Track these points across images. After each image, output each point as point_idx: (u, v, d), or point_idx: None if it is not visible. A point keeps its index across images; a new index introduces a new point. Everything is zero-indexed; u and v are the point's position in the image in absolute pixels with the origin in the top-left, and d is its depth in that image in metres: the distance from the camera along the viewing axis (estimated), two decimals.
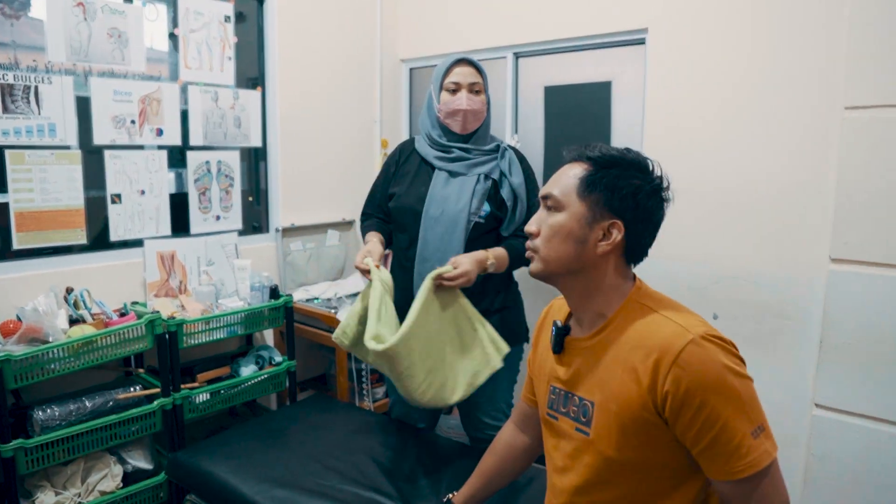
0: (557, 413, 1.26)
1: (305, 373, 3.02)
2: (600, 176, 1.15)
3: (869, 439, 2.05)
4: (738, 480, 1.03)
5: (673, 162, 2.45)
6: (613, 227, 1.15)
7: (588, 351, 1.20)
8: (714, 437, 1.03)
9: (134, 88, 2.40)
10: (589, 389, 1.19)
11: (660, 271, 2.52)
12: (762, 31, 2.22)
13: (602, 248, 1.15)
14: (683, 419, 1.05)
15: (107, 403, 2.10)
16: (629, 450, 1.12)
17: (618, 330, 1.16)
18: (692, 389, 1.03)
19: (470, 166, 2.04)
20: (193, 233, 2.65)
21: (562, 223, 1.17)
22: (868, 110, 2.00)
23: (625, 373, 1.12)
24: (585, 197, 1.16)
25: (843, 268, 2.08)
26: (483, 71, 2.04)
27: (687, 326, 1.08)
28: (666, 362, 1.05)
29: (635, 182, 1.16)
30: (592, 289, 1.19)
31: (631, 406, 1.10)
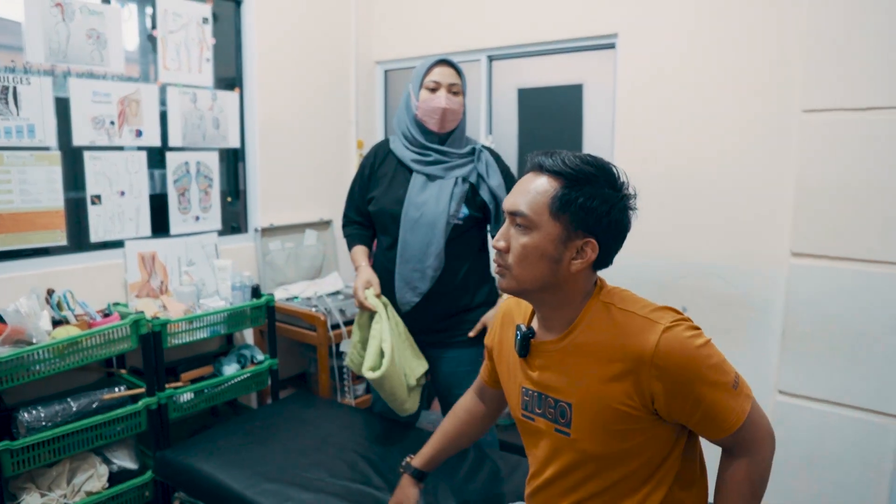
0: (533, 414, 1.29)
1: (285, 371, 3.04)
2: (574, 195, 1.13)
3: (829, 422, 2.18)
4: (734, 433, 1.14)
5: (642, 162, 2.58)
6: (587, 246, 1.15)
7: (559, 353, 1.22)
8: (704, 411, 1.12)
9: (113, 89, 2.40)
10: (564, 391, 1.22)
11: (630, 268, 2.62)
12: (725, 38, 2.33)
13: (576, 266, 1.16)
14: (674, 407, 1.13)
15: (92, 404, 2.11)
16: (612, 444, 1.18)
17: (587, 331, 1.19)
18: (677, 382, 1.11)
19: (447, 169, 2.09)
20: (173, 233, 2.66)
21: (535, 244, 1.15)
22: (824, 113, 2.12)
23: (602, 373, 1.16)
24: (559, 217, 1.14)
25: (803, 261, 2.20)
26: (462, 74, 2.10)
27: (656, 318, 1.14)
28: (646, 363, 1.11)
29: (608, 199, 1.15)
30: (563, 300, 1.21)
31: (613, 404, 1.15)
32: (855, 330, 2.11)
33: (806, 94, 2.15)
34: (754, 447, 1.17)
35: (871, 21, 2.00)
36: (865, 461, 2.12)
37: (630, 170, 2.61)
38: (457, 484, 1.91)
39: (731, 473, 1.19)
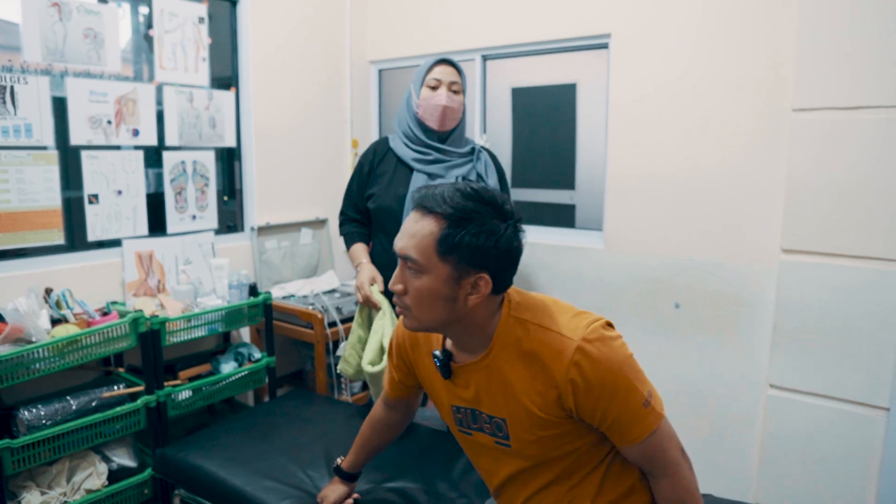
0: (471, 429, 1.34)
1: (282, 369, 3.06)
2: (457, 235, 1.13)
3: (819, 415, 2.22)
4: (639, 443, 1.19)
5: (635, 159, 2.61)
6: (480, 281, 1.16)
7: (482, 371, 1.25)
8: (615, 417, 1.18)
9: (110, 89, 2.41)
10: (495, 407, 1.26)
11: (624, 264, 2.66)
12: (717, 37, 2.37)
13: (473, 300, 1.18)
14: (588, 411, 1.18)
15: (91, 402, 2.12)
16: (552, 447, 1.25)
17: (505, 349, 1.23)
18: (590, 390, 1.15)
19: (447, 168, 2.12)
20: (170, 232, 2.67)
21: (428, 287, 1.16)
22: (815, 112, 2.16)
23: (527, 389, 1.21)
24: (447, 258, 1.14)
25: (794, 258, 2.24)
26: (463, 73, 2.13)
27: (570, 333, 1.17)
28: (563, 374, 1.16)
29: (494, 233, 1.14)
30: (470, 328, 1.23)
31: (542, 416, 1.21)
32: (844, 325, 2.15)
33: (797, 94, 2.18)
34: (670, 469, 1.22)
35: (861, 21, 2.04)
36: (854, 452, 2.16)
37: (623, 167, 2.67)
38: (455, 475, 1.94)
39: (660, 496, 1.25)
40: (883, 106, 2.03)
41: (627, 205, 2.64)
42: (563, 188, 2.96)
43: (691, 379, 2.55)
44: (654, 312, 2.61)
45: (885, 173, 2.03)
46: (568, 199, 2.98)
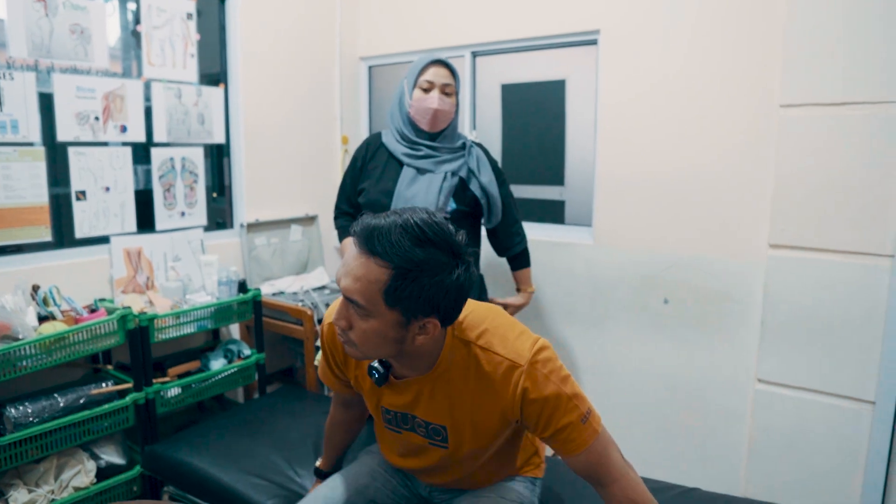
0: (401, 429, 1.40)
1: (272, 366, 3.05)
2: (405, 287, 1.09)
3: (807, 409, 2.24)
4: (580, 454, 1.26)
5: (624, 155, 2.62)
6: (429, 324, 1.15)
7: (425, 385, 1.29)
8: (554, 432, 1.26)
9: (97, 85, 2.39)
10: (436, 415, 1.32)
11: (613, 260, 2.67)
12: (705, 35, 2.37)
13: (420, 340, 1.18)
14: (531, 425, 1.28)
15: (79, 400, 2.11)
16: (486, 445, 1.35)
17: (451, 370, 1.27)
18: (536, 409, 1.24)
19: (437, 164, 2.12)
20: (159, 229, 2.65)
21: (375, 329, 1.14)
22: (802, 108, 2.17)
23: (474, 404, 1.28)
24: (394, 307, 1.11)
25: (781, 253, 2.25)
26: (457, 74, 2.13)
27: (515, 358, 1.24)
28: (510, 397, 1.24)
29: (443, 284, 1.11)
30: (417, 355, 1.25)
31: (488, 425, 1.30)
32: (831, 319, 2.17)
33: (784, 90, 2.20)
34: (615, 474, 1.27)
35: (848, 18, 2.05)
36: (841, 445, 2.17)
37: (612, 163, 2.68)
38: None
39: (612, 501, 1.28)
40: (868, 102, 2.04)
41: (617, 201, 2.65)
42: (553, 184, 2.97)
43: (680, 374, 2.57)
44: (643, 308, 2.62)
45: (871, 168, 2.05)
46: (557, 196, 2.98)
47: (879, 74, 2.01)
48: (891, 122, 2.00)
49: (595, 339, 2.77)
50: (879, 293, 2.07)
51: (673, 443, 2.62)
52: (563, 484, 1.85)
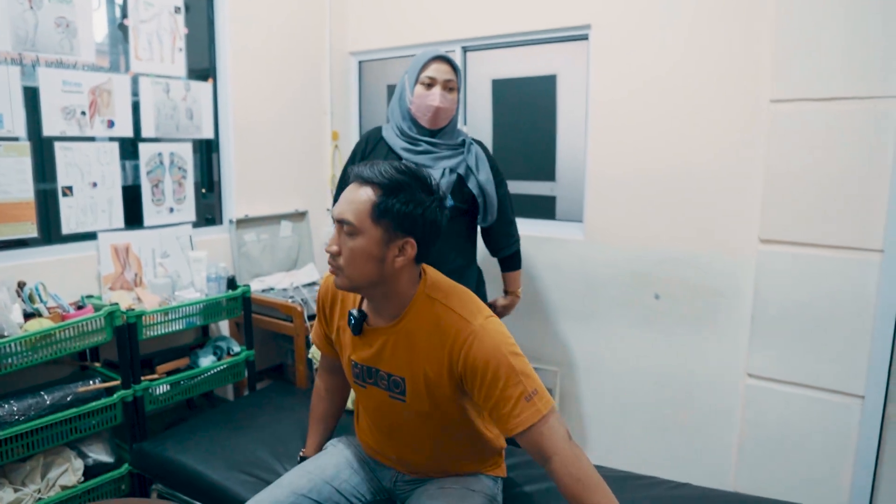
0: (365, 383, 1.51)
1: (262, 363, 3.03)
2: (390, 202, 1.30)
3: (796, 404, 2.24)
4: (521, 432, 1.29)
5: (615, 151, 2.62)
6: (407, 245, 1.33)
7: (390, 336, 1.42)
8: (495, 402, 1.31)
9: (84, 79, 2.36)
10: (396, 367, 1.43)
11: (604, 256, 2.67)
12: (696, 29, 2.37)
13: (399, 262, 1.34)
14: (474, 388, 1.34)
15: (66, 397, 2.09)
16: (440, 406, 1.42)
17: (414, 319, 1.39)
18: (478, 368, 1.31)
19: (435, 160, 2.11)
20: (147, 225, 2.63)
21: (361, 247, 1.31)
22: (792, 103, 2.17)
23: (428, 356, 1.38)
24: (380, 221, 1.30)
25: (772, 248, 2.26)
26: (459, 70, 2.11)
27: (468, 317, 1.35)
28: (458, 348, 1.33)
29: (422, 203, 1.32)
30: (391, 292, 1.39)
31: (437, 380, 1.38)
32: (820, 314, 2.17)
33: (775, 85, 2.20)
34: (556, 451, 1.29)
35: (837, 13, 2.05)
36: (830, 440, 2.18)
37: (603, 158, 2.68)
38: None
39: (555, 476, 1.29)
40: (858, 97, 2.05)
41: (608, 196, 2.64)
42: (544, 179, 2.96)
43: (671, 369, 2.57)
44: (634, 303, 2.62)
45: (861, 163, 2.05)
46: (548, 191, 2.98)
47: (869, 70, 2.01)
48: (880, 118, 2.01)
49: (586, 334, 2.77)
50: (868, 288, 2.08)
51: (663, 438, 2.62)
52: (527, 483, 1.86)
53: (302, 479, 1.57)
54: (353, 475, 1.63)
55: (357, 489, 1.62)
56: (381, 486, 1.66)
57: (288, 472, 1.62)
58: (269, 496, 1.53)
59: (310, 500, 1.54)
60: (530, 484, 1.82)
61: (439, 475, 1.59)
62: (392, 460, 1.62)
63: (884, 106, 2.00)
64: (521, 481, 1.83)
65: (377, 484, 1.66)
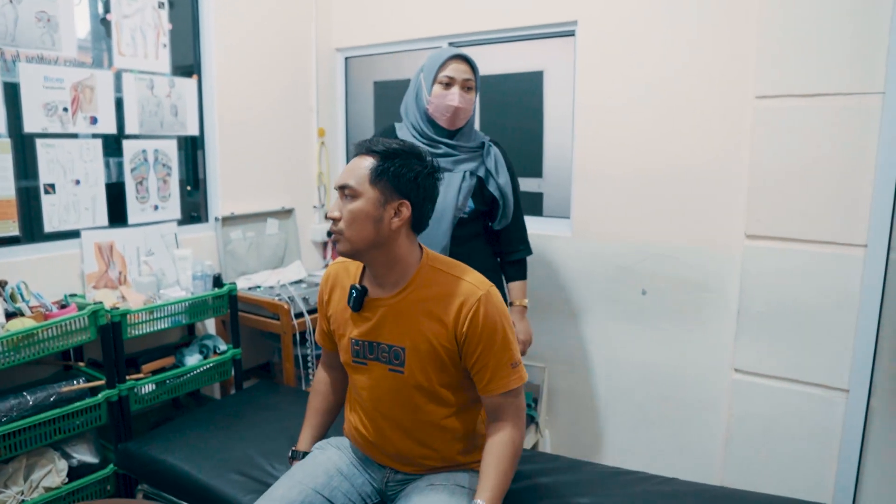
0: (366, 360, 1.56)
1: (249, 361, 3.01)
2: (387, 166, 1.41)
3: (782, 398, 2.26)
4: (501, 394, 1.46)
5: (602, 147, 2.62)
6: (402, 206, 1.43)
7: (392, 307, 1.49)
8: (487, 361, 1.45)
9: (65, 75, 2.33)
10: (398, 336, 1.49)
11: (591, 252, 2.68)
12: (682, 26, 2.38)
13: (395, 223, 1.43)
14: (470, 348, 1.45)
15: (49, 398, 2.06)
16: (435, 377, 1.49)
17: (420, 287, 1.48)
18: (480, 330, 1.43)
19: (456, 163, 2.08)
20: (131, 223, 2.60)
21: (360, 208, 1.41)
22: (777, 99, 2.19)
23: (431, 320, 1.46)
24: (376, 184, 1.41)
25: (757, 243, 2.27)
26: (476, 69, 2.08)
27: (477, 284, 1.46)
28: (465, 310, 1.43)
29: (415, 168, 1.43)
30: (392, 258, 1.47)
31: (438, 341, 1.46)
32: (806, 309, 2.19)
33: (759, 81, 2.21)
34: (517, 416, 1.48)
35: (821, 9, 2.06)
36: (815, 433, 2.20)
37: (590, 155, 2.68)
38: None
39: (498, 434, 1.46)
40: (842, 93, 2.06)
41: (594, 192, 2.65)
42: (531, 176, 2.97)
43: (658, 364, 2.58)
44: (621, 299, 2.63)
45: (845, 159, 2.07)
46: (536, 187, 2.98)
47: (852, 65, 2.03)
48: (863, 113, 2.03)
49: (573, 330, 2.78)
50: (853, 282, 2.10)
51: (650, 432, 2.64)
52: (529, 480, 1.86)
53: (293, 492, 1.55)
54: (343, 482, 1.62)
55: (348, 496, 1.61)
56: (372, 488, 1.65)
57: (278, 482, 1.60)
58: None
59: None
60: (518, 481, 1.83)
61: (429, 470, 1.59)
62: (384, 455, 1.62)
63: (867, 102, 2.02)
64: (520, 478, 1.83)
65: (368, 487, 1.65)
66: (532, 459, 1.99)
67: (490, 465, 1.43)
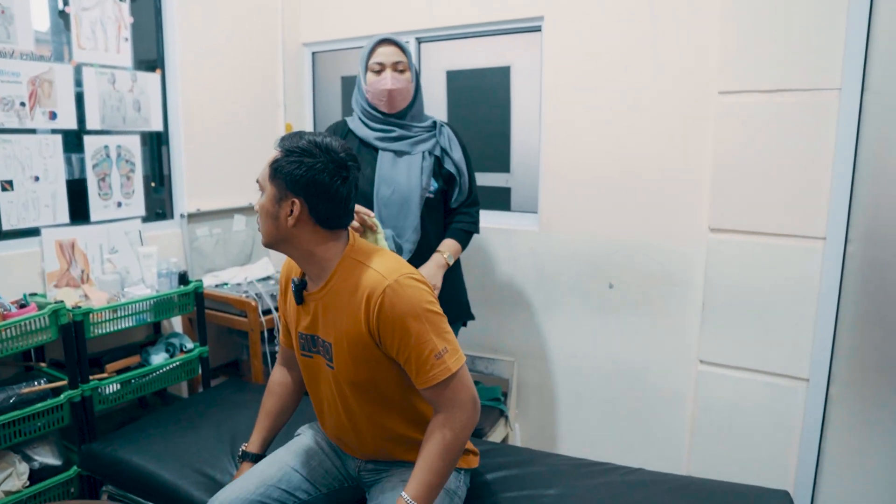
0: (311, 353, 1.56)
1: (217, 359, 2.98)
2: (284, 162, 1.38)
3: (746, 388, 2.31)
4: (430, 387, 1.39)
5: (569, 142, 2.64)
6: (294, 205, 1.39)
7: (321, 301, 1.48)
8: (408, 355, 1.39)
9: (22, 69, 2.27)
10: (326, 332, 1.48)
11: (559, 246, 2.70)
12: (645, 22, 2.41)
13: (290, 221, 1.40)
14: (387, 341, 1.40)
15: (9, 399, 2.01)
16: (363, 373, 1.46)
17: (339, 281, 1.45)
18: (391, 320, 1.37)
19: (413, 144, 2.10)
20: (94, 220, 2.55)
21: (262, 203, 1.42)
22: (739, 95, 2.22)
23: (349, 315, 1.42)
24: (273, 180, 1.40)
25: (721, 237, 2.31)
26: (407, 50, 2.09)
27: (385, 273, 1.40)
28: (372, 303, 1.38)
29: (310, 165, 1.38)
30: (303, 252, 1.45)
31: (356, 338, 1.42)
32: (767, 300, 2.23)
33: (721, 77, 2.24)
34: (453, 407, 1.40)
35: (784, 5, 2.10)
36: (778, 422, 2.25)
37: (557, 150, 2.70)
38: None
39: (430, 426, 1.42)
40: (803, 89, 2.10)
41: (561, 187, 2.67)
42: (499, 171, 2.98)
43: (625, 357, 2.61)
44: (589, 293, 2.66)
45: (804, 153, 2.11)
46: (503, 182, 2.99)
47: (813, 61, 2.07)
48: (822, 109, 2.07)
49: (541, 324, 2.80)
50: (812, 274, 2.15)
51: (618, 424, 2.67)
52: (497, 472, 1.87)
53: (272, 468, 1.59)
54: (324, 460, 1.66)
55: (327, 474, 1.64)
56: (348, 473, 1.67)
57: (259, 462, 1.64)
58: (238, 488, 1.54)
59: (279, 490, 1.55)
60: (486, 473, 1.84)
61: (397, 462, 1.59)
62: (348, 446, 1.63)
63: (825, 98, 2.06)
64: (488, 471, 1.84)
65: (345, 471, 1.67)
66: (500, 452, 2.01)
67: (420, 458, 1.41)
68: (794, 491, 2.23)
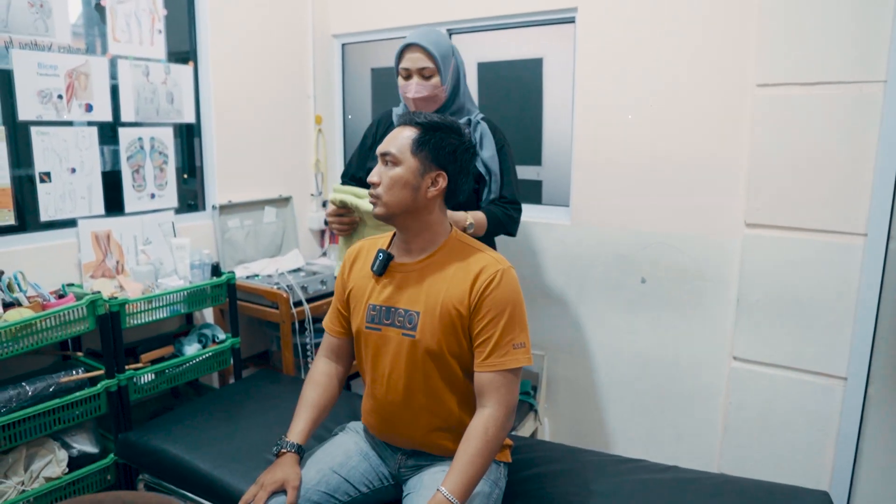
0: (381, 325, 1.58)
1: (248, 350, 3.01)
2: (428, 137, 1.49)
3: (781, 386, 2.28)
4: (494, 371, 1.46)
5: (601, 135, 2.61)
6: (439, 177, 1.51)
7: (415, 273, 1.55)
8: (490, 335, 1.47)
9: (60, 62, 2.30)
10: (415, 301, 1.53)
11: (591, 240, 2.67)
12: (682, 13, 2.36)
13: (431, 192, 1.50)
14: (477, 316, 1.48)
15: (49, 388, 2.05)
16: (444, 342, 1.50)
17: (443, 258, 1.54)
18: (492, 299, 1.47)
19: None
20: (128, 211, 2.58)
21: (400, 174, 1.49)
22: (777, 87, 2.18)
23: (453, 286, 1.50)
24: (417, 153, 1.49)
25: (757, 232, 2.27)
26: (434, 54, 2.00)
27: (499, 260, 1.53)
28: (482, 278, 1.48)
29: (454, 142, 1.51)
30: (423, 225, 1.54)
31: (450, 308, 1.49)
32: (804, 297, 2.20)
33: (759, 69, 2.20)
34: (498, 403, 1.46)
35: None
36: (813, 421, 2.22)
37: (589, 143, 2.67)
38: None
39: (474, 422, 1.46)
40: (842, 82, 2.06)
41: (594, 180, 2.64)
42: (530, 164, 2.95)
43: (656, 352, 2.59)
44: (620, 287, 2.64)
45: (844, 147, 2.07)
46: (535, 175, 2.97)
47: (852, 53, 2.02)
48: (863, 102, 2.02)
49: (572, 318, 2.78)
50: (852, 271, 2.10)
51: (649, 420, 2.65)
52: (530, 469, 1.87)
53: (310, 471, 1.59)
54: (361, 461, 1.67)
55: (365, 476, 1.65)
56: (388, 471, 1.68)
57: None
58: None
59: (319, 493, 1.56)
60: (526, 467, 1.83)
61: (443, 452, 1.60)
62: (395, 438, 1.65)
63: (867, 90, 2.01)
64: (521, 467, 1.83)
65: (385, 469, 1.68)
66: (531, 448, 2.00)
67: (460, 452, 1.43)
68: (830, 492, 2.20)
